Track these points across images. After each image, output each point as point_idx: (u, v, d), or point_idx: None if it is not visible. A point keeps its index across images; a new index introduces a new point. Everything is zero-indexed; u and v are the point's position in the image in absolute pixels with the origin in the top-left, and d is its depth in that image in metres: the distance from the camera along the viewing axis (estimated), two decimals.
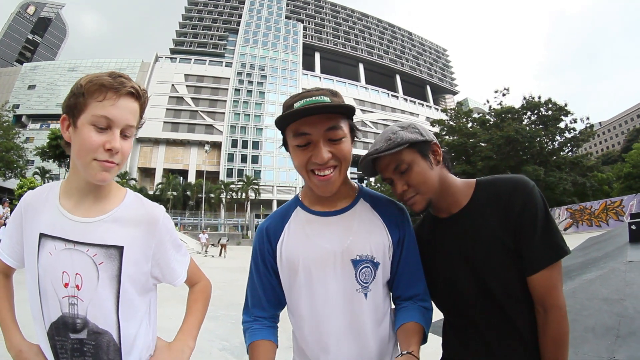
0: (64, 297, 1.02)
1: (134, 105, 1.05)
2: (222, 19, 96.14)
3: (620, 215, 22.54)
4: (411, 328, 1.11)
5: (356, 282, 1.13)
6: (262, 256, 1.25)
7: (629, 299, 3.02)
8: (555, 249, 1.07)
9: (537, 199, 1.10)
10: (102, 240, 1.04)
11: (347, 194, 1.24)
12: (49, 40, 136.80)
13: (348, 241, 1.15)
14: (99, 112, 0.98)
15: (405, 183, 1.15)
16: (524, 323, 1.11)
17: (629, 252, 4.09)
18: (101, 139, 0.98)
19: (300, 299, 1.19)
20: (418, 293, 1.21)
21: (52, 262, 1.02)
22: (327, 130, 1.06)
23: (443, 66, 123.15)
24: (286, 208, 1.30)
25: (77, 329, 1.03)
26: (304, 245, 1.18)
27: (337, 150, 1.08)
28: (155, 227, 1.13)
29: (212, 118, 78.95)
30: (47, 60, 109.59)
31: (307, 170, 1.10)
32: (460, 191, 1.23)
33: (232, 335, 5.01)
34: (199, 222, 52.26)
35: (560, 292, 1.09)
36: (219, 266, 15.98)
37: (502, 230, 1.12)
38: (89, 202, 1.09)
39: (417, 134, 1.16)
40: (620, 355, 2.52)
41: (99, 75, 1.00)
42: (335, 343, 1.14)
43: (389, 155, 1.14)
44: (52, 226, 1.04)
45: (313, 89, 1.12)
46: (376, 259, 1.15)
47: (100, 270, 1.03)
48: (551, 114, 34.43)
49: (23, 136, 49.78)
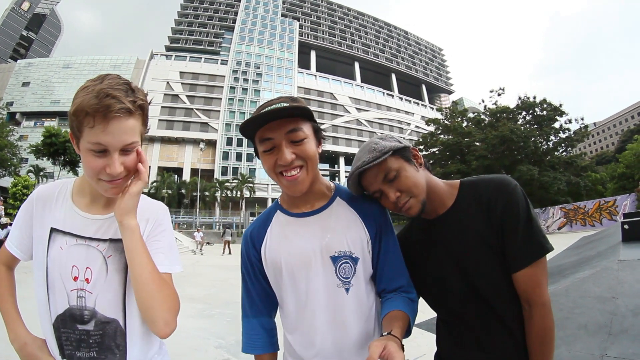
0: (73, 290, 1.04)
1: (129, 122, 0.99)
2: (218, 16, 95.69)
3: (614, 215, 22.78)
4: (395, 315, 1.12)
5: (336, 277, 1.18)
6: (249, 261, 1.30)
7: (621, 297, 3.06)
8: (537, 247, 1.10)
9: (518, 198, 1.13)
10: (112, 236, 1.09)
11: (322, 193, 1.29)
12: (44, 36, 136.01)
13: (326, 239, 1.20)
14: (92, 139, 0.95)
15: (396, 190, 1.17)
16: (512, 318, 1.14)
17: (621, 251, 4.14)
18: (101, 162, 0.98)
19: (286, 297, 1.24)
20: (402, 285, 1.24)
21: (62, 256, 1.05)
22: (288, 133, 1.10)
23: (439, 65, 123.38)
24: (267, 212, 1.36)
25: (84, 321, 1.05)
26: (284, 246, 1.23)
27: (300, 151, 1.12)
28: (155, 219, 1.18)
29: (207, 116, 78.53)
30: (42, 57, 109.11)
31: (276, 172, 1.15)
32: (445, 192, 1.27)
33: (228, 333, 5.02)
34: (193, 221, 52.08)
35: (544, 288, 1.11)
36: (214, 264, 15.95)
37: (486, 229, 1.15)
38: (102, 201, 1.13)
39: (395, 142, 1.19)
40: (612, 353, 2.55)
41: (85, 99, 0.94)
42: (320, 338, 1.18)
43: (376, 166, 1.15)
44: (64, 222, 1.08)
45: (274, 99, 1.17)
46: (354, 254, 1.19)
47: (109, 263, 1.08)
48: (546, 114, 34.63)
49: (17, 134, 49.61)
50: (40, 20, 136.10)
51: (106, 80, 0.99)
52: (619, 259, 3.70)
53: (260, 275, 1.29)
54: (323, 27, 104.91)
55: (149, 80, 77.76)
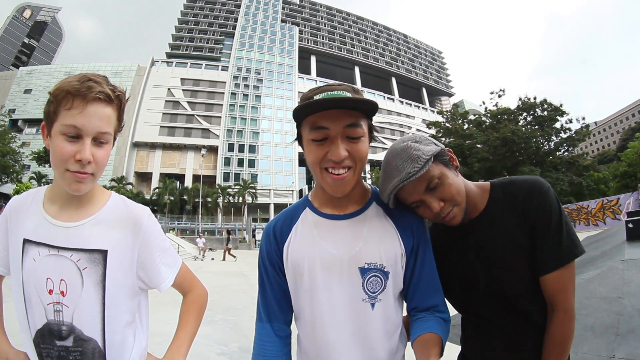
0: (49, 303, 1.00)
1: (106, 110, 0.99)
2: (218, 22, 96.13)
3: (617, 214, 22.66)
4: (430, 338, 1.04)
5: (363, 291, 1.07)
6: (269, 257, 1.19)
7: (628, 297, 3.02)
8: (566, 252, 1.07)
9: (552, 201, 1.09)
10: (85, 245, 1.02)
11: (359, 196, 1.17)
12: (45, 44, 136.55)
13: (357, 248, 1.09)
14: (68, 121, 0.94)
15: (439, 199, 1.09)
16: (540, 319, 1.11)
17: (626, 251, 4.10)
18: (72, 149, 0.95)
19: (304, 304, 1.13)
20: (436, 304, 1.14)
21: (35, 268, 1.00)
22: (346, 127, 1.00)
23: (439, 68, 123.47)
24: (294, 208, 1.24)
25: (62, 336, 1.00)
26: (310, 248, 1.12)
27: (354, 149, 1.02)
28: (139, 228, 1.09)
29: (208, 122, 78.83)
30: (44, 64, 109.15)
31: (321, 167, 1.04)
32: (477, 196, 1.21)
33: (230, 340, 4.97)
34: (196, 227, 52.02)
35: (570, 294, 1.08)
36: (216, 270, 15.87)
37: (519, 232, 1.11)
38: (73, 207, 1.06)
39: (433, 145, 1.11)
40: (619, 354, 2.51)
41: (68, 81, 0.96)
42: (337, 353, 1.08)
43: (418, 176, 1.05)
44: (35, 231, 1.02)
45: (335, 84, 1.06)
46: (386, 268, 1.08)
47: (85, 275, 1.01)
48: (547, 115, 34.56)
49: (19, 141, 49.64)
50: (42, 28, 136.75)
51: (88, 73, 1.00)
52: (624, 258, 3.66)
53: (280, 272, 1.18)
54: (323, 32, 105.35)
55: (150, 87, 78.30)
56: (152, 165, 75.37)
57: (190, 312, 1.21)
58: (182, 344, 1.14)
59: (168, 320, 5.26)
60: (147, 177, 75.28)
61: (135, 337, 1.12)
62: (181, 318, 1.20)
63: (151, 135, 75.06)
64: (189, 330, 1.17)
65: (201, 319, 1.24)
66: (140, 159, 75.64)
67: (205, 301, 1.28)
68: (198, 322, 1.22)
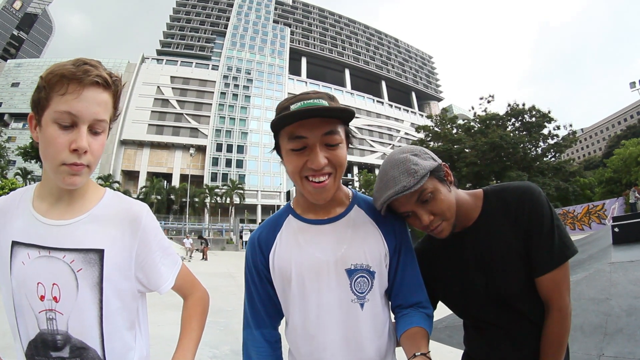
0: (41, 311, 0.91)
1: (103, 95, 0.92)
2: (210, 21, 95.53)
3: (603, 219, 22.99)
4: (418, 331, 1.07)
5: (351, 292, 1.09)
6: (255, 267, 1.19)
7: (615, 298, 3.10)
8: (558, 253, 1.10)
9: (543, 205, 1.13)
10: (79, 244, 0.94)
11: (340, 200, 1.20)
12: (35, 37, 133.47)
13: (342, 250, 1.11)
14: (62, 108, 0.86)
15: (429, 212, 1.12)
16: (539, 317, 1.15)
17: (612, 254, 4.21)
18: (66, 139, 0.87)
19: (293, 309, 1.14)
20: (420, 301, 1.17)
21: (25, 273, 0.91)
22: (324, 135, 1.01)
23: (428, 73, 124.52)
24: (277, 216, 1.25)
25: (57, 347, 0.92)
26: (296, 254, 1.13)
27: (333, 156, 1.03)
28: (137, 226, 1.02)
29: (197, 121, 78.22)
30: (32, 57, 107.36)
31: (302, 176, 1.05)
32: (471, 205, 1.23)
33: (221, 343, 4.93)
34: (182, 227, 51.62)
35: (564, 293, 1.11)
36: (205, 272, 15.79)
37: (514, 237, 1.14)
38: (64, 203, 0.98)
39: (430, 160, 1.13)
40: (608, 352, 2.57)
41: (62, 65, 0.89)
42: (329, 355, 1.09)
43: (413, 190, 1.07)
44: (24, 232, 0.94)
45: (310, 92, 1.06)
46: (372, 268, 1.11)
47: (80, 278, 0.92)
48: (535, 121, 34.94)
49: (5, 135, 48.72)
50: (32, 20, 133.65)
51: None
52: (610, 261, 3.75)
53: (266, 281, 1.18)
54: (314, 34, 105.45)
55: (140, 84, 77.42)
56: (140, 164, 74.43)
57: (193, 317, 1.16)
58: (187, 352, 1.07)
59: (158, 322, 5.22)
60: (134, 175, 74.26)
61: (136, 344, 1.06)
62: (184, 324, 1.14)
63: (139, 133, 74.07)
64: (193, 336, 1.11)
65: (204, 324, 1.18)
66: (127, 157, 74.58)
67: (207, 304, 1.23)
68: (202, 327, 1.17)
